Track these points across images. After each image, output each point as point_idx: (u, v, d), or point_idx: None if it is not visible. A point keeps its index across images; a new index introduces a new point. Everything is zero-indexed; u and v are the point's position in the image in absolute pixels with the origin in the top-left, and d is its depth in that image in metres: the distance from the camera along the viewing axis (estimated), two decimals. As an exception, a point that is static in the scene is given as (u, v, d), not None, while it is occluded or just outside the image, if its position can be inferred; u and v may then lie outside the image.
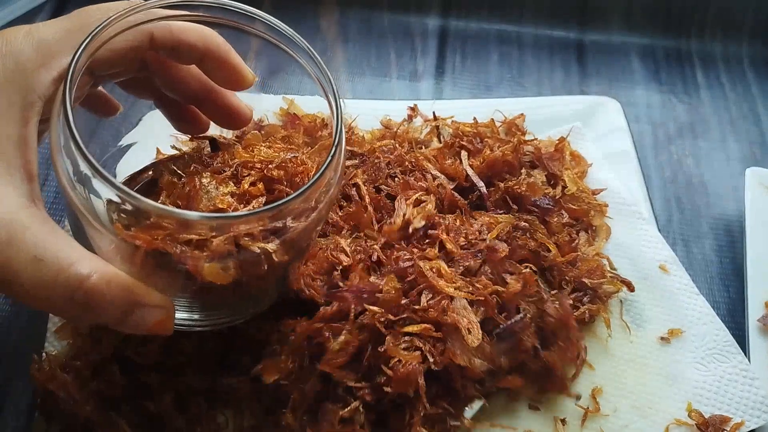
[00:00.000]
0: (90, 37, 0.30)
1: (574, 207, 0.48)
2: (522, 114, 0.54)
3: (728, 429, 0.40)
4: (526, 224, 0.45)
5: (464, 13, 0.68)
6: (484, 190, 0.47)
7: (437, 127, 0.53)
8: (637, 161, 0.53)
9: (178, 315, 0.33)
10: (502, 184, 0.47)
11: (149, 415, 0.38)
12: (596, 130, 0.55)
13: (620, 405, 0.41)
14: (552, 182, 0.50)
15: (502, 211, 0.46)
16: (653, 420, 0.41)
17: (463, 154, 0.49)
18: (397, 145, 0.50)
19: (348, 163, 0.48)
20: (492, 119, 0.53)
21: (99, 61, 0.32)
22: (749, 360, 0.43)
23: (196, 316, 0.37)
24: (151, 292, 0.30)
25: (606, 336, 0.44)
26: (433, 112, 0.54)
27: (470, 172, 0.48)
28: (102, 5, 0.34)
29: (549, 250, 0.44)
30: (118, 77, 0.36)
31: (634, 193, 0.51)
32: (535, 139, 0.52)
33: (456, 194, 0.46)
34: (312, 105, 0.54)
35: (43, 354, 0.40)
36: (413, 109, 0.55)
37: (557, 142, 0.52)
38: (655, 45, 0.68)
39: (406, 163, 0.48)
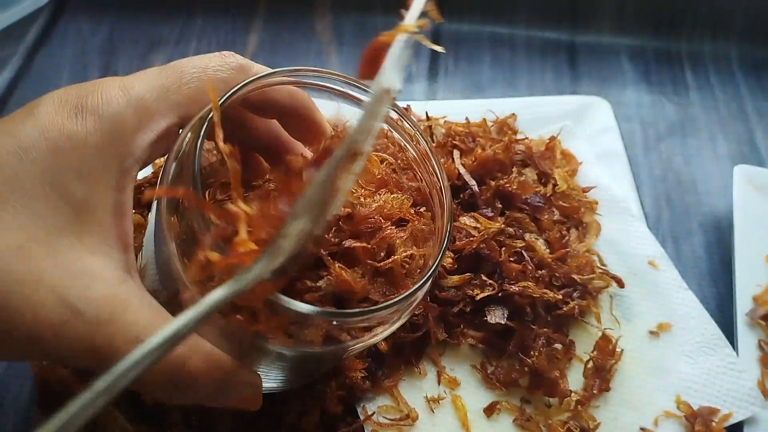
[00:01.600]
0: (225, 98, 0.29)
1: (564, 204, 0.49)
2: (513, 114, 0.55)
3: (716, 420, 0.41)
4: (511, 230, 0.45)
5: (457, 15, 0.69)
6: (475, 188, 0.48)
7: (430, 127, 0.54)
8: (627, 160, 0.54)
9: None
10: (493, 183, 0.48)
11: (146, 409, 0.38)
12: (587, 130, 0.56)
13: (611, 398, 0.42)
14: (543, 180, 0.50)
15: (490, 210, 0.47)
16: (643, 412, 0.42)
17: (456, 153, 0.50)
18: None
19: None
20: (484, 119, 0.54)
21: (189, 119, 0.31)
22: (737, 353, 0.44)
23: (271, 385, 0.36)
24: (243, 370, 0.29)
25: (596, 330, 0.44)
26: (426, 112, 0.54)
27: (462, 171, 0.49)
28: (194, 59, 0.32)
29: (535, 250, 0.45)
30: None
31: (624, 191, 0.52)
32: (527, 138, 0.53)
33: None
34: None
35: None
36: (406, 109, 0.56)
37: (548, 141, 0.53)
38: (645, 46, 0.69)
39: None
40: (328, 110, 0.56)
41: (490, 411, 0.41)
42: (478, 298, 0.42)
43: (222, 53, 0.33)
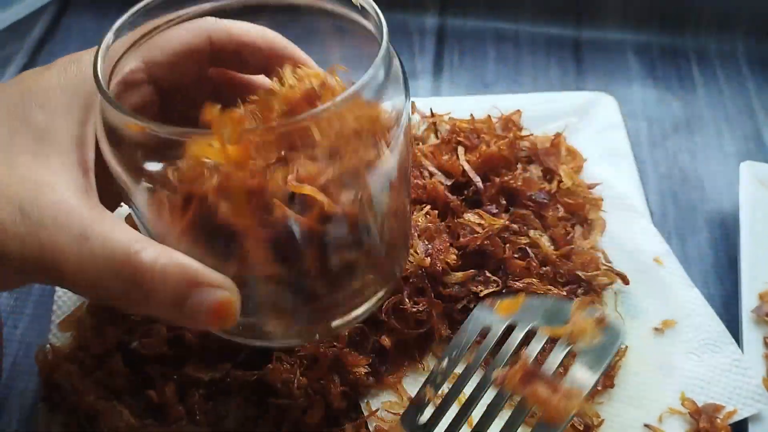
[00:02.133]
0: (136, 15, 0.29)
1: (569, 201, 0.49)
2: (518, 110, 0.55)
3: (721, 417, 0.41)
4: (516, 226, 0.45)
5: (461, 11, 0.69)
6: (480, 185, 0.48)
7: (434, 123, 0.54)
8: (632, 156, 0.54)
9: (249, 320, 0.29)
10: (498, 179, 0.48)
11: (151, 405, 0.38)
12: (592, 126, 0.56)
13: (615, 394, 0.42)
14: (548, 177, 0.50)
15: (494, 206, 0.47)
16: (647, 409, 0.41)
17: (460, 149, 0.50)
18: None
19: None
20: (488, 115, 0.54)
21: (156, 65, 0.31)
22: (742, 350, 0.44)
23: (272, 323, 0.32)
24: (211, 271, 0.26)
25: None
26: (431, 109, 0.54)
27: (467, 167, 0.49)
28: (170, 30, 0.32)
29: (539, 246, 0.45)
30: (180, 90, 0.34)
31: (629, 188, 0.52)
32: (531, 134, 0.53)
33: (449, 195, 0.47)
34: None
35: (48, 345, 0.40)
36: (411, 105, 0.56)
37: (553, 137, 0.52)
38: (651, 42, 0.68)
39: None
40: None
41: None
42: (482, 294, 0.42)
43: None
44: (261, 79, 0.36)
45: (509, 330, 0.34)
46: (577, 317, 0.32)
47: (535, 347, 0.32)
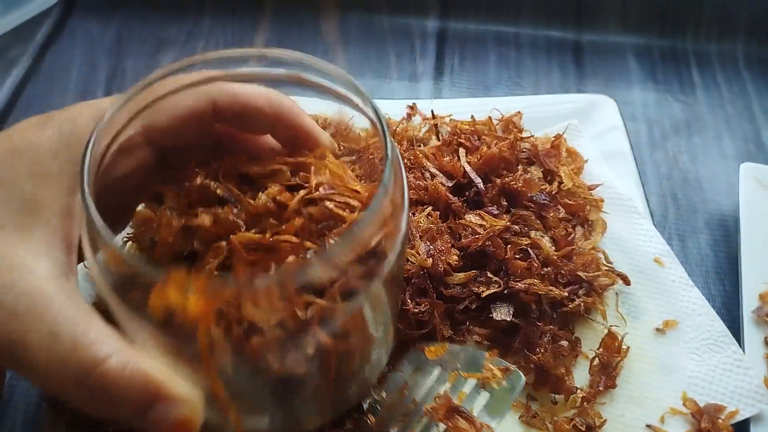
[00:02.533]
0: (140, 88, 0.28)
1: (570, 202, 0.49)
2: (519, 112, 0.55)
3: (723, 417, 0.41)
4: (517, 227, 0.46)
5: (462, 15, 0.70)
6: (481, 186, 0.48)
7: (436, 125, 0.54)
8: (633, 158, 0.54)
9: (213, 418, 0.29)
10: (499, 181, 0.48)
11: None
12: (593, 128, 0.56)
13: (617, 394, 0.42)
14: (548, 178, 0.50)
15: (495, 208, 0.47)
16: (649, 409, 0.42)
17: (461, 151, 0.50)
18: (396, 142, 0.51)
19: (345, 159, 0.49)
20: (489, 117, 0.54)
21: (157, 130, 0.30)
22: (744, 350, 0.44)
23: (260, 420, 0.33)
24: (175, 383, 0.25)
25: (602, 328, 0.44)
26: (432, 111, 0.55)
27: (468, 168, 0.49)
28: (171, 80, 0.31)
29: (540, 247, 0.45)
30: (186, 156, 0.33)
31: (630, 189, 0.52)
32: (532, 136, 0.53)
33: (451, 196, 0.47)
34: (315, 107, 0.55)
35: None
36: (412, 107, 0.56)
37: (554, 139, 0.53)
38: (651, 45, 0.69)
39: (405, 160, 0.49)
40: (331, 109, 0.57)
41: (495, 407, 0.41)
42: (483, 295, 0.43)
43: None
44: (266, 138, 0.34)
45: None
46: (488, 365, 0.39)
47: (456, 387, 0.39)
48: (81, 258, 0.28)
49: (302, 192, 0.30)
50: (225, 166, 0.31)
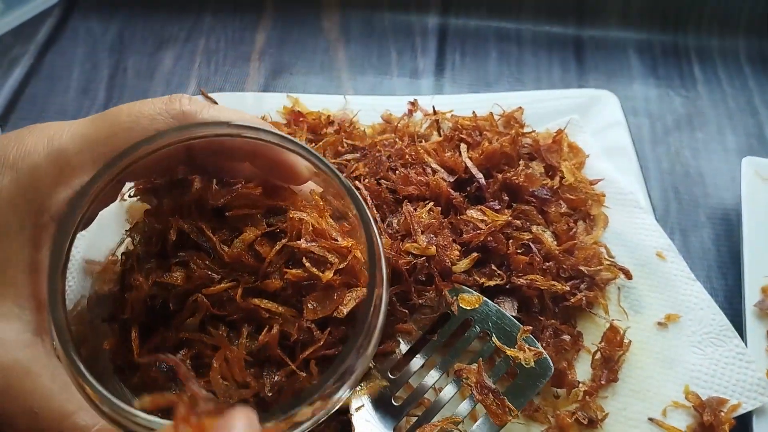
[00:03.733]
0: (104, 172, 0.27)
1: (571, 197, 0.49)
2: (520, 107, 0.55)
3: (725, 411, 0.41)
4: (519, 222, 0.46)
5: (463, 11, 0.70)
6: (482, 181, 0.48)
7: (437, 121, 0.54)
8: (634, 153, 0.54)
9: None
10: (500, 176, 0.48)
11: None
12: (594, 123, 0.56)
13: (619, 388, 0.42)
14: (550, 173, 0.50)
15: (497, 203, 0.47)
16: (651, 402, 0.42)
17: (463, 146, 0.50)
18: (397, 139, 0.52)
19: (349, 156, 0.50)
20: (491, 113, 0.54)
21: (130, 174, 0.29)
22: (746, 344, 0.44)
23: None
24: None
25: (604, 322, 0.44)
26: (433, 107, 0.55)
27: (469, 164, 0.49)
28: (132, 107, 0.30)
29: (542, 242, 0.45)
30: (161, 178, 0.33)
31: (631, 184, 0.52)
32: (534, 131, 0.53)
33: (452, 191, 0.47)
34: (316, 103, 0.55)
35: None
36: (413, 103, 0.56)
37: (555, 134, 0.53)
38: (652, 40, 0.69)
39: (407, 156, 0.49)
40: (335, 105, 0.57)
41: (498, 401, 0.41)
42: (485, 285, 0.43)
43: (170, 98, 0.31)
44: (245, 167, 0.34)
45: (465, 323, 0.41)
46: (521, 342, 0.40)
47: (486, 353, 0.40)
48: None
49: (280, 244, 0.31)
50: (197, 197, 0.32)
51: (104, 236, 0.46)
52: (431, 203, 0.46)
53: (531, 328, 0.41)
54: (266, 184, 0.34)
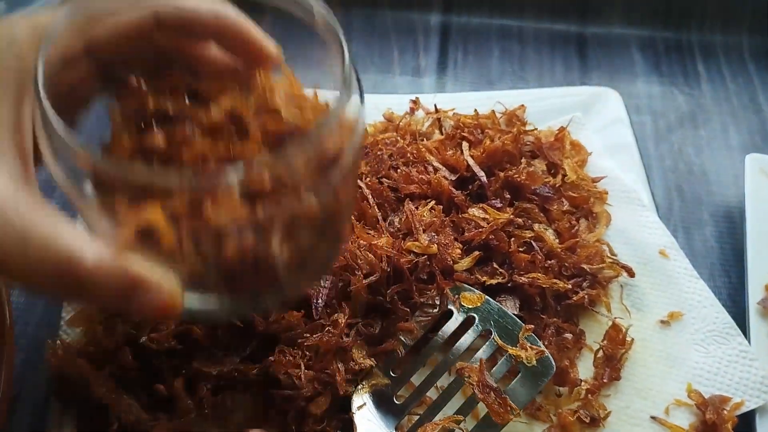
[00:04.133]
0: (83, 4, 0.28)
1: (574, 195, 0.49)
2: (522, 105, 0.55)
3: (728, 409, 0.41)
4: (521, 220, 0.46)
5: (466, 9, 0.69)
6: (484, 179, 0.48)
7: (439, 119, 0.54)
8: (637, 150, 0.54)
9: (195, 302, 0.31)
10: (502, 174, 0.48)
11: (161, 398, 0.39)
12: (597, 121, 0.56)
13: (621, 386, 0.42)
14: (552, 171, 0.50)
15: (499, 201, 0.47)
16: (654, 401, 0.42)
17: (464, 144, 0.50)
18: (399, 137, 0.52)
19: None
20: (493, 111, 0.54)
21: (99, 43, 0.30)
22: (749, 342, 0.44)
23: (217, 302, 0.34)
24: (153, 270, 0.27)
25: (606, 320, 0.44)
26: (435, 105, 0.55)
27: (471, 162, 0.49)
28: None
29: (544, 240, 0.45)
30: (128, 68, 0.33)
31: (634, 182, 0.52)
32: (536, 129, 0.53)
33: (454, 190, 0.47)
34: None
35: (58, 341, 0.41)
36: (415, 102, 0.56)
37: (557, 131, 0.53)
38: (655, 37, 0.68)
39: (408, 154, 0.49)
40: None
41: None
42: (486, 284, 0.43)
43: None
44: (210, 52, 0.34)
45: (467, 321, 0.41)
46: (523, 340, 0.39)
47: (488, 351, 0.40)
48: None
49: (256, 100, 0.31)
50: (172, 82, 0.32)
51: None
52: (433, 202, 0.46)
53: (533, 326, 0.41)
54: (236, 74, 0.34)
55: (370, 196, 0.45)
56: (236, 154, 0.29)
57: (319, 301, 0.39)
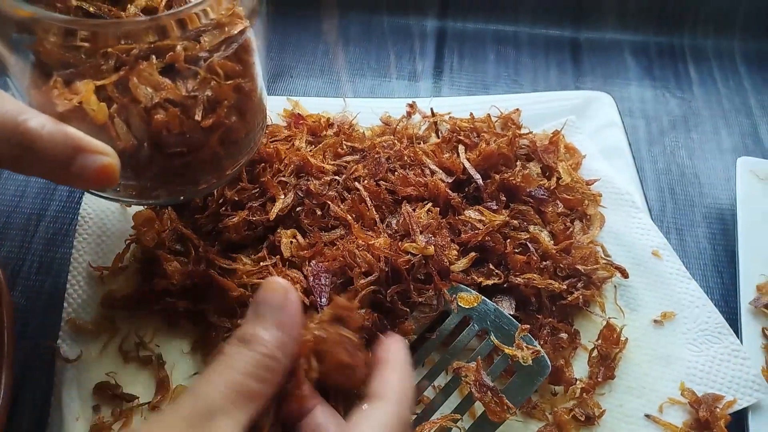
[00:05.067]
0: None
1: (568, 197, 0.49)
2: (517, 109, 0.56)
3: (721, 407, 0.41)
4: (516, 222, 0.47)
5: (461, 14, 0.70)
6: (480, 182, 0.49)
7: (435, 123, 0.55)
8: (630, 153, 0.55)
9: (130, 182, 0.35)
10: (497, 177, 0.48)
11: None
12: (591, 124, 0.57)
13: (615, 385, 0.43)
14: (547, 174, 0.51)
15: (494, 203, 0.47)
16: (647, 399, 0.42)
17: (461, 148, 0.51)
18: (396, 140, 0.52)
19: (348, 158, 0.50)
20: (488, 114, 0.55)
21: None
22: (741, 341, 0.44)
23: (148, 185, 0.37)
24: (91, 139, 0.30)
25: (600, 320, 0.45)
26: (431, 109, 0.55)
27: (467, 165, 0.49)
28: None
29: (539, 241, 0.46)
30: None
31: (627, 184, 0.52)
32: (531, 132, 0.54)
33: (450, 192, 0.48)
34: (316, 106, 0.56)
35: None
36: (412, 105, 0.57)
37: (552, 135, 0.53)
38: (648, 42, 0.69)
39: (405, 158, 0.50)
40: (335, 107, 0.57)
41: (496, 399, 0.42)
42: (483, 284, 0.43)
43: None
44: None
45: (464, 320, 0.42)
46: (519, 340, 0.40)
47: (484, 351, 0.41)
48: None
49: None
50: None
51: (111, 244, 0.47)
52: (429, 204, 0.47)
53: (529, 326, 0.41)
54: None
55: (368, 198, 0.46)
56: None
57: (323, 299, 0.40)
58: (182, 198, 0.42)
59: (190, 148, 0.35)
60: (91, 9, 0.34)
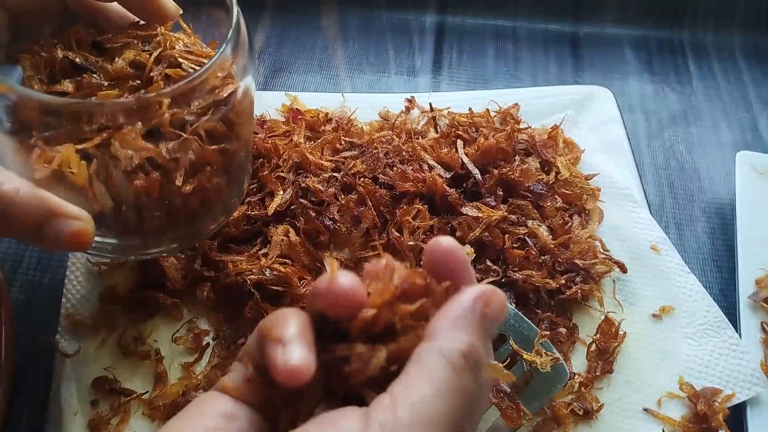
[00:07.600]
0: None
1: (567, 192, 0.49)
2: (516, 104, 0.56)
3: (719, 401, 0.41)
4: (514, 217, 0.46)
5: (460, 9, 0.70)
6: (479, 177, 0.48)
7: (434, 118, 0.54)
8: (629, 148, 0.55)
9: (107, 240, 0.35)
10: (496, 172, 0.48)
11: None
12: (590, 119, 0.56)
13: (614, 379, 0.43)
14: (546, 168, 0.51)
15: (493, 198, 0.47)
16: (646, 393, 0.42)
17: (459, 143, 0.51)
18: (394, 136, 0.52)
19: (347, 154, 0.50)
20: (487, 109, 0.54)
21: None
22: (740, 335, 0.44)
23: (132, 242, 0.37)
24: (66, 203, 0.30)
25: (599, 314, 0.45)
26: (430, 104, 0.55)
27: (465, 160, 0.49)
28: None
29: (537, 236, 0.46)
30: (37, 20, 0.36)
31: (627, 179, 0.52)
32: (529, 127, 0.53)
33: (448, 188, 0.47)
34: (315, 101, 0.56)
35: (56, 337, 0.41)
36: (410, 101, 0.57)
37: (551, 130, 0.53)
38: (648, 36, 0.69)
39: (404, 153, 0.50)
40: (333, 102, 0.57)
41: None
42: (481, 281, 0.43)
43: None
44: (114, 8, 0.37)
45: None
46: (538, 346, 0.39)
47: (502, 355, 0.39)
48: None
49: (157, 51, 0.34)
50: (77, 36, 0.35)
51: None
52: (417, 206, 0.46)
53: (549, 333, 0.41)
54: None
55: (367, 198, 0.46)
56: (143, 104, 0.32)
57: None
58: (164, 254, 0.42)
59: (170, 212, 0.35)
60: (78, 60, 0.34)
